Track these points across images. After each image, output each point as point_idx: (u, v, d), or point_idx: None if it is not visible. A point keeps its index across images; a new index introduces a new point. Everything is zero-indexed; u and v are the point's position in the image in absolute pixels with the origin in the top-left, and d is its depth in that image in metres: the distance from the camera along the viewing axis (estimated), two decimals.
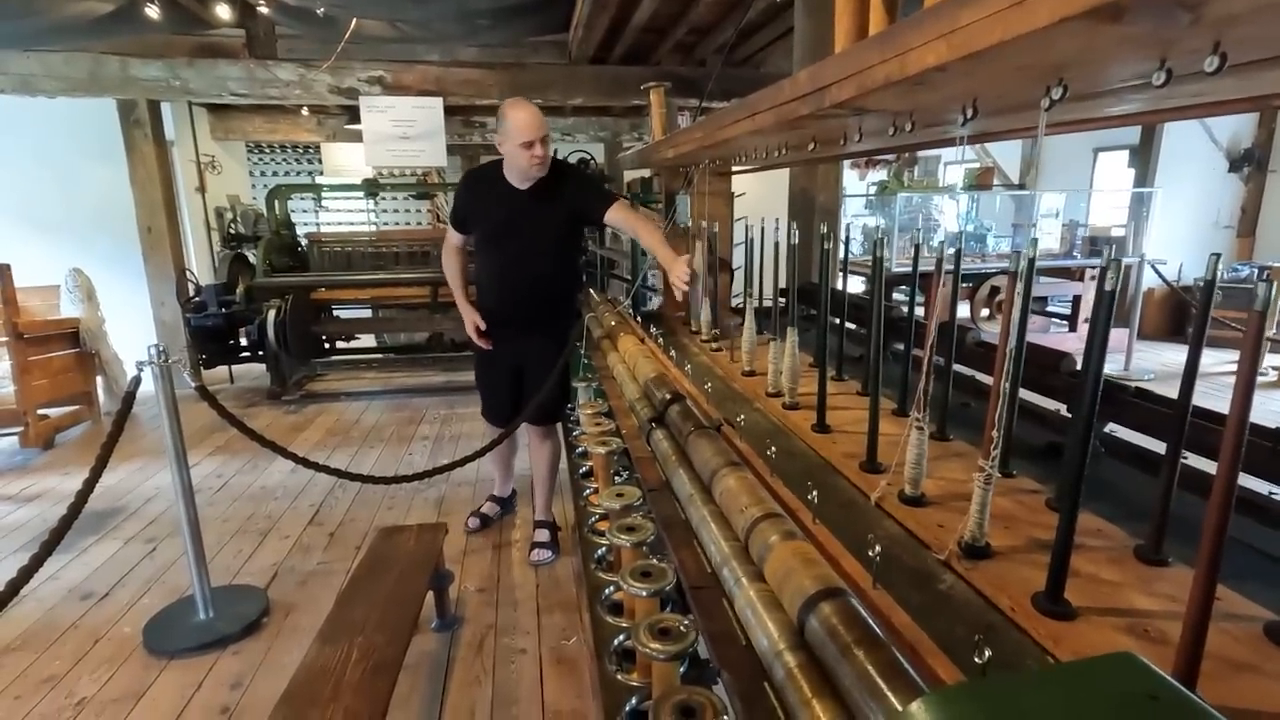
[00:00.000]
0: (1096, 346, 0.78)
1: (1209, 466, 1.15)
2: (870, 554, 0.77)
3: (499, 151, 2.59)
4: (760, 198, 3.62)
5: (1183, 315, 7.40)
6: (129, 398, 2.31)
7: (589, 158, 6.92)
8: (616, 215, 2.61)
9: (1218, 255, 0.76)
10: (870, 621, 0.59)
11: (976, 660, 0.59)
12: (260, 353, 5.41)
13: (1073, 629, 0.80)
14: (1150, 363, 6.48)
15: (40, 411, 4.45)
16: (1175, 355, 6.80)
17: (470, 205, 2.74)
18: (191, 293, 5.66)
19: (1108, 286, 0.75)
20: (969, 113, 0.93)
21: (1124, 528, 1.05)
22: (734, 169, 2.59)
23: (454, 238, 2.81)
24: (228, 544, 3.20)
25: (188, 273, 5.83)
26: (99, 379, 5.01)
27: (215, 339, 5.43)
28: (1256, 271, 6.29)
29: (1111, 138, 8.78)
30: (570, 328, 2.92)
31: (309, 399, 5.58)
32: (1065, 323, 7.37)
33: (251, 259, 5.81)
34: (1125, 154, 8.38)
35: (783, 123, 1.17)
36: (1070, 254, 7.31)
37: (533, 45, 6.38)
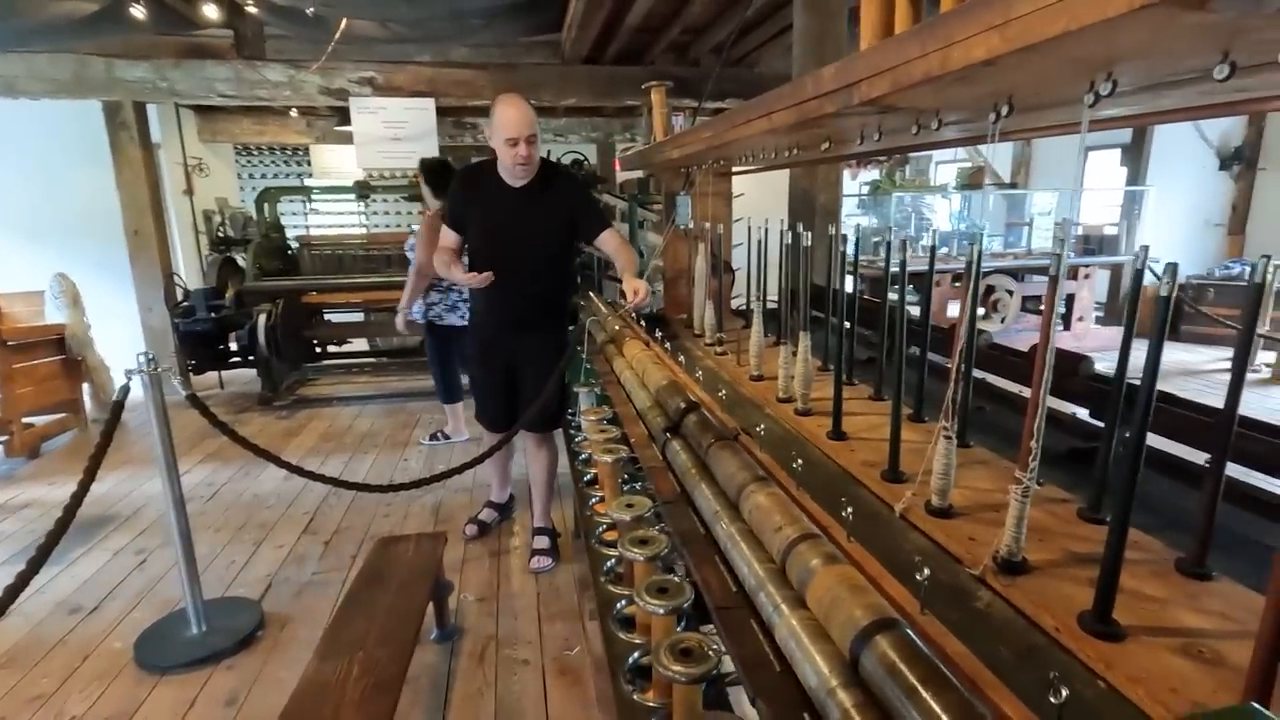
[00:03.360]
0: (1150, 357, 0.74)
1: (1244, 474, 1.13)
2: (918, 577, 0.73)
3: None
4: (758, 198, 3.59)
5: (1177, 313, 7.42)
6: (118, 406, 2.25)
7: (582, 158, 6.87)
8: (606, 240, 2.63)
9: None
10: (933, 657, 0.55)
11: (1052, 700, 0.55)
12: (251, 358, 5.33)
13: (1124, 651, 0.76)
14: (1144, 357, 6.50)
15: (25, 420, 4.35)
16: (1169, 354, 6.80)
17: (464, 204, 2.69)
18: (180, 297, 5.57)
19: (1163, 293, 0.71)
20: (1003, 110, 0.89)
21: (1160, 538, 1.01)
22: (736, 169, 2.55)
23: (449, 239, 2.70)
24: (220, 555, 3.13)
25: (175, 277, 5.73)
26: (85, 386, 4.91)
27: (205, 344, 5.34)
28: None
29: (1103, 136, 8.81)
30: (564, 330, 2.88)
31: (301, 404, 5.50)
32: (1061, 321, 7.38)
33: (241, 263, 5.72)
34: (1117, 152, 8.41)
35: (801, 122, 1.13)
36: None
37: (525, 45, 6.33)
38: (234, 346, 5.35)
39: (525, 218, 2.59)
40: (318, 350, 6.14)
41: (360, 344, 6.63)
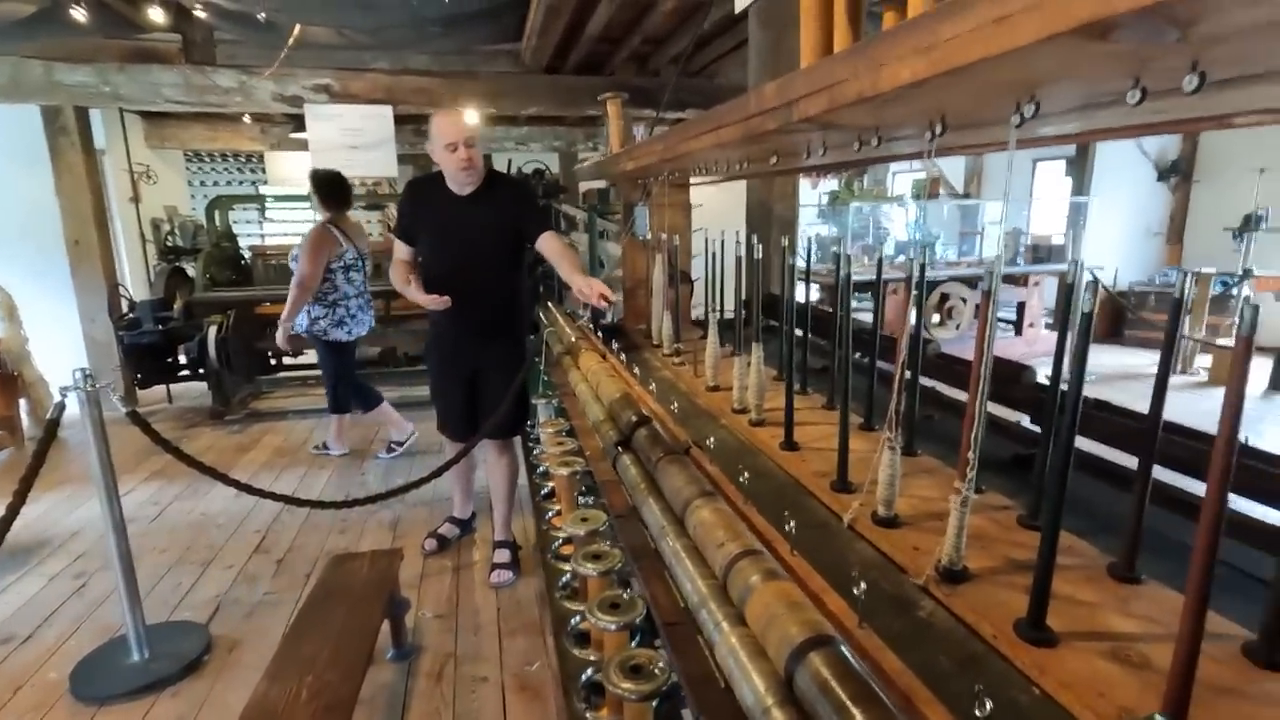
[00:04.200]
0: (1075, 374, 0.76)
1: (1173, 478, 1.17)
2: (855, 591, 0.74)
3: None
4: (717, 209, 3.63)
5: (1119, 319, 7.72)
6: (52, 425, 2.15)
7: (544, 168, 6.85)
8: (546, 243, 2.63)
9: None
10: (863, 674, 0.55)
11: (977, 714, 0.56)
12: (201, 371, 5.16)
13: (1056, 656, 0.78)
14: (1090, 363, 6.72)
15: None
16: (1112, 357, 7.08)
17: (413, 214, 2.71)
18: (125, 309, 5.37)
19: (1084, 309, 0.74)
20: (937, 128, 0.91)
21: (1095, 542, 1.05)
22: (693, 181, 2.57)
23: (401, 251, 2.73)
24: (165, 576, 3.01)
25: (120, 288, 5.53)
26: (22, 402, 4.70)
27: (151, 357, 5.16)
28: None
29: (1049, 148, 9.14)
30: (524, 340, 2.87)
31: (254, 418, 5.35)
32: (1012, 327, 7.60)
33: (190, 273, 5.55)
34: (1062, 164, 8.72)
35: (747, 137, 1.14)
36: (1014, 261, 7.55)
37: (485, 54, 6.30)
38: (183, 359, 5.18)
39: (473, 224, 2.60)
40: (272, 362, 5.97)
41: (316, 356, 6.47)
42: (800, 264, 1.70)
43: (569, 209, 5.84)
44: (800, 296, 1.82)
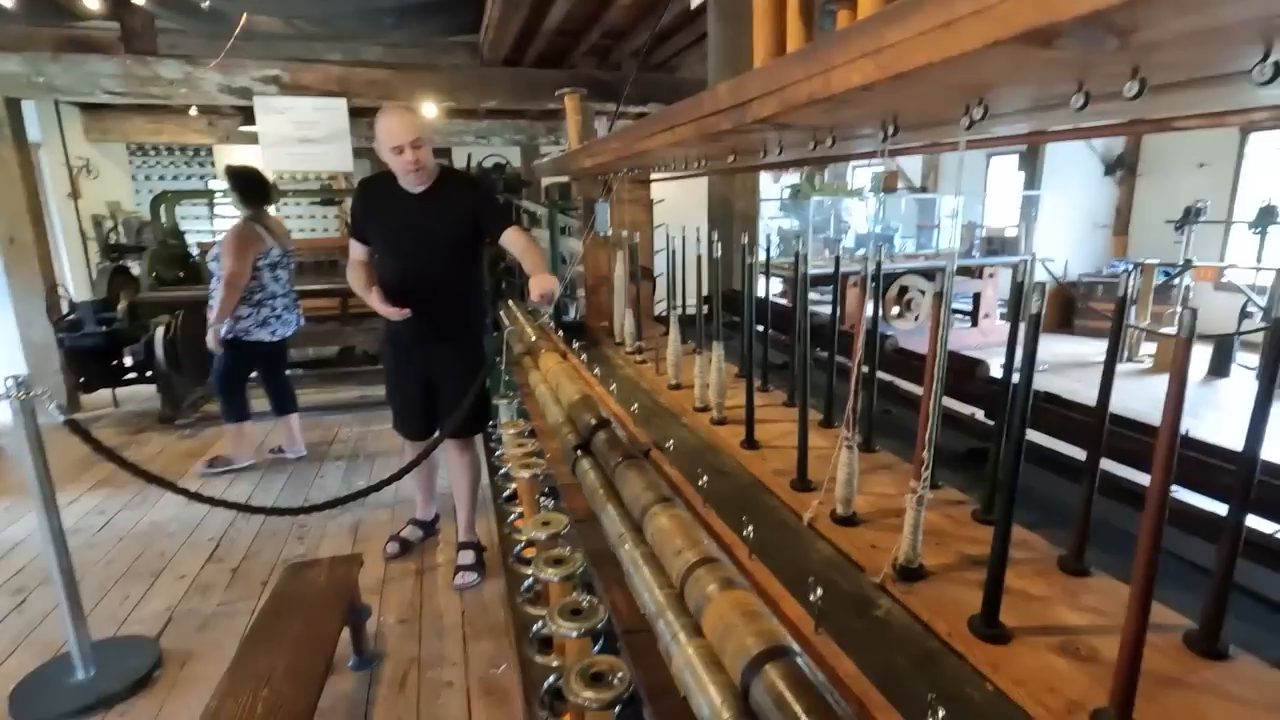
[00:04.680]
0: (1024, 375, 0.77)
1: (1121, 470, 1.20)
2: (811, 598, 0.74)
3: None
4: (681, 203, 3.62)
5: (1070, 309, 7.96)
6: None
7: (504, 161, 6.76)
8: (510, 238, 2.59)
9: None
10: (819, 685, 0.55)
11: None
12: (149, 374, 4.97)
13: (1009, 653, 0.79)
14: (1042, 353, 6.93)
15: None
16: (1064, 346, 7.30)
17: (367, 213, 2.65)
18: (65, 310, 5.13)
19: (1034, 309, 0.74)
20: (890, 129, 0.91)
21: (1047, 534, 1.07)
22: (653, 177, 2.56)
23: (358, 251, 2.66)
24: (113, 589, 2.89)
25: (60, 288, 5.29)
26: None
27: (95, 360, 4.93)
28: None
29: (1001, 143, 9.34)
30: (482, 338, 2.83)
31: (206, 421, 5.16)
32: (968, 318, 7.79)
33: (135, 271, 5.33)
34: (1015, 158, 8.94)
35: (703, 136, 1.13)
36: (970, 253, 7.73)
37: (442, 46, 6.17)
38: (129, 362, 4.98)
39: (426, 222, 2.55)
40: None
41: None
42: (761, 261, 1.70)
43: (530, 205, 5.77)
44: (761, 292, 1.82)
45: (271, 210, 4.08)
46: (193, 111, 6.69)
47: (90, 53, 4.72)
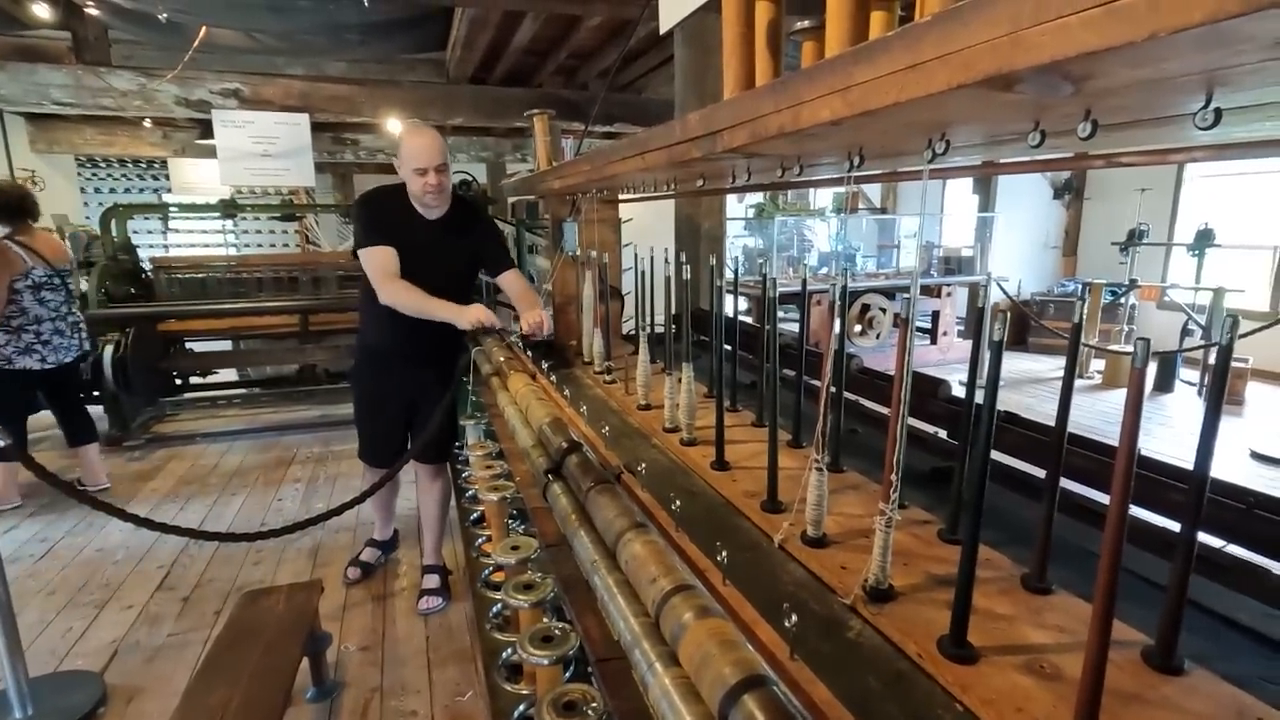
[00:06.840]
0: (987, 403, 0.79)
1: (1077, 488, 1.24)
2: (786, 624, 0.74)
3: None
4: (648, 222, 3.65)
5: (1024, 327, 8.22)
6: None
7: (470, 179, 6.73)
8: (508, 280, 2.62)
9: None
10: (796, 714, 0.55)
11: None
12: (96, 393, 4.77)
13: (977, 673, 0.81)
14: None
15: None
16: (1019, 363, 7.52)
17: (389, 229, 2.47)
18: None
19: (995, 337, 0.77)
20: (855, 159, 0.94)
21: (1011, 552, 1.09)
22: (622, 198, 2.57)
23: (391, 261, 2.41)
24: (54, 621, 2.75)
25: None
26: None
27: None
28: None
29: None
30: (456, 360, 2.78)
31: (157, 442, 4.99)
32: (927, 336, 7.97)
33: (84, 287, 5.14)
34: (970, 182, 9.24)
35: (673, 162, 1.15)
36: (928, 272, 7.94)
37: (408, 63, 6.15)
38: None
39: (439, 250, 2.51)
40: (178, 383, 5.60)
41: (228, 374, 6.12)
42: (728, 281, 1.72)
43: (496, 223, 5.75)
44: (728, 311, 1.85)
45: (40, 225, 3.71)
46: (147, 123, 6.51)
47: (39, 62, 4.58)
